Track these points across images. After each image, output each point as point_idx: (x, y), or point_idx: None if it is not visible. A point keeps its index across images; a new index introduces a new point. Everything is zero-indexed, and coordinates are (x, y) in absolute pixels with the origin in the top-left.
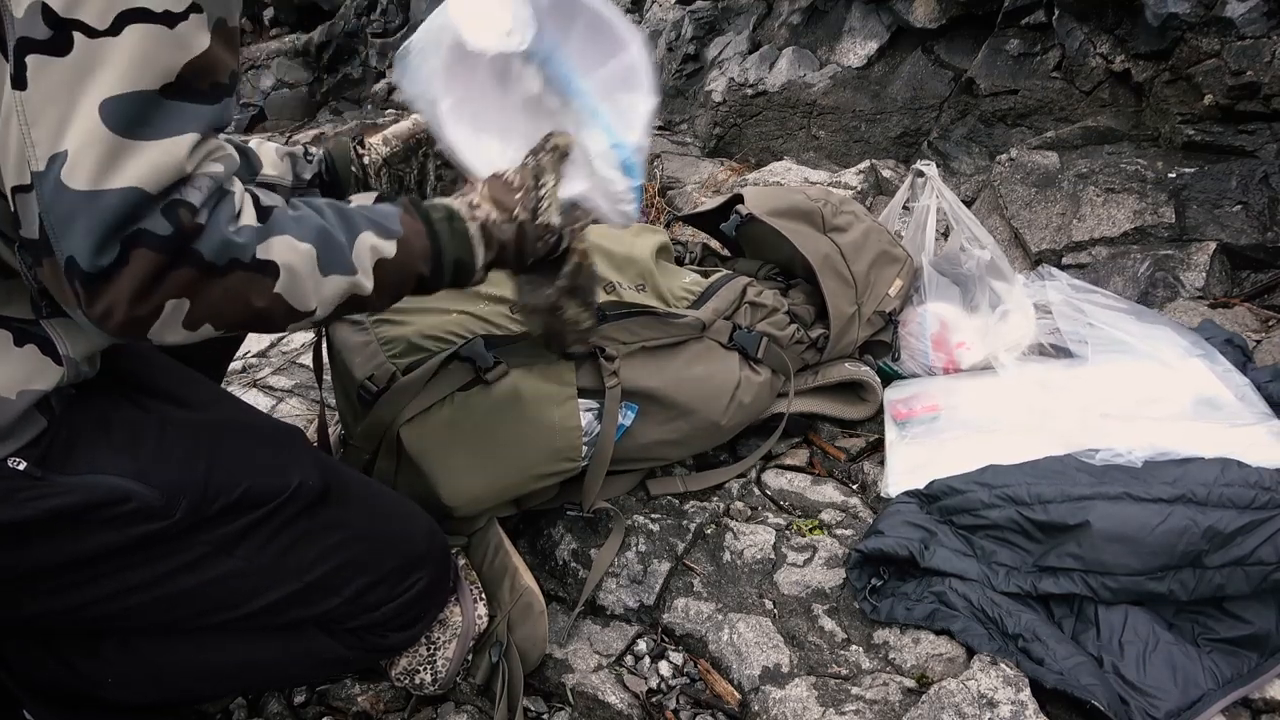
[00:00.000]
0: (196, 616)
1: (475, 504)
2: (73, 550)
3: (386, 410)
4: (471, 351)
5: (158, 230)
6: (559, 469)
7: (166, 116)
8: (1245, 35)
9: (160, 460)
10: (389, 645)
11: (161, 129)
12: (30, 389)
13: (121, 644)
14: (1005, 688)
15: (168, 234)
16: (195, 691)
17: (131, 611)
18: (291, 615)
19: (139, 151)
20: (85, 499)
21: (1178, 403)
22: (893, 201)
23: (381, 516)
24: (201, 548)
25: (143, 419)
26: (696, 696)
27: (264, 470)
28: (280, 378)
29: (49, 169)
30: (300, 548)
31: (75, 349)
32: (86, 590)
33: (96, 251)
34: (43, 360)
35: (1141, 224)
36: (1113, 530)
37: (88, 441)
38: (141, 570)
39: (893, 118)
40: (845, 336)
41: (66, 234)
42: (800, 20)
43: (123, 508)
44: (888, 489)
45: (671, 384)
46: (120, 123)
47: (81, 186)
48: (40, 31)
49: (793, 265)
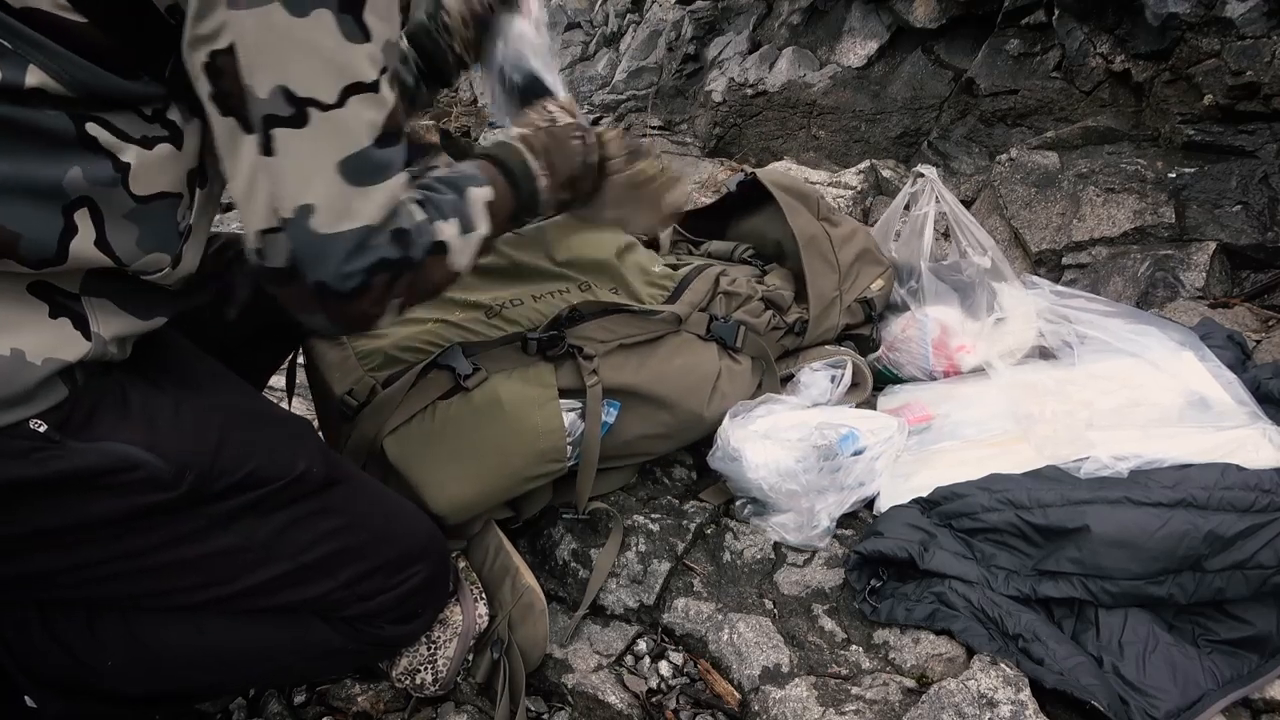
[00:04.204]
0: (190, 590)
1: (464, 511)
2: (79, 512)
3: (370, 424)
4: (449, 359)
5: (390, 255)
6: (545, 470)
7: (381, 164)
8: (1245, 35)
9: (172, 434)
10: (386, 638)
11: (380, 175)
12: (55, 358)
13: (119, 625)
14: (1005, 688)
15: (398, 257)
16: (193, 681)
17: (125, 577)
18: (286, 596)
19: (368, 196)
20: (96, 463)
21: (1167, 404)
22: (893, 204)
23: (382, 510)
24: (201, 520)
25: (159, 396)
26: (696, 696)
27: (272, 454)
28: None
29: (298, 217)
30: (298, 529)
31: (107, 329)
32: (85, 551)
33: (345, 278)
34: (73, 334)
35: (1141, 224)
36: (1112, 534)
37: (106, 412)
38: (140, 537)
39: (893, 118)
40: (825, 321)
41: (317, 266)
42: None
43: (131, 475)
44: (879, 503)
45: (652, 379)
46: (352, 177)
47: (329, 230)
48: (283, 109)
49: (769, 246)
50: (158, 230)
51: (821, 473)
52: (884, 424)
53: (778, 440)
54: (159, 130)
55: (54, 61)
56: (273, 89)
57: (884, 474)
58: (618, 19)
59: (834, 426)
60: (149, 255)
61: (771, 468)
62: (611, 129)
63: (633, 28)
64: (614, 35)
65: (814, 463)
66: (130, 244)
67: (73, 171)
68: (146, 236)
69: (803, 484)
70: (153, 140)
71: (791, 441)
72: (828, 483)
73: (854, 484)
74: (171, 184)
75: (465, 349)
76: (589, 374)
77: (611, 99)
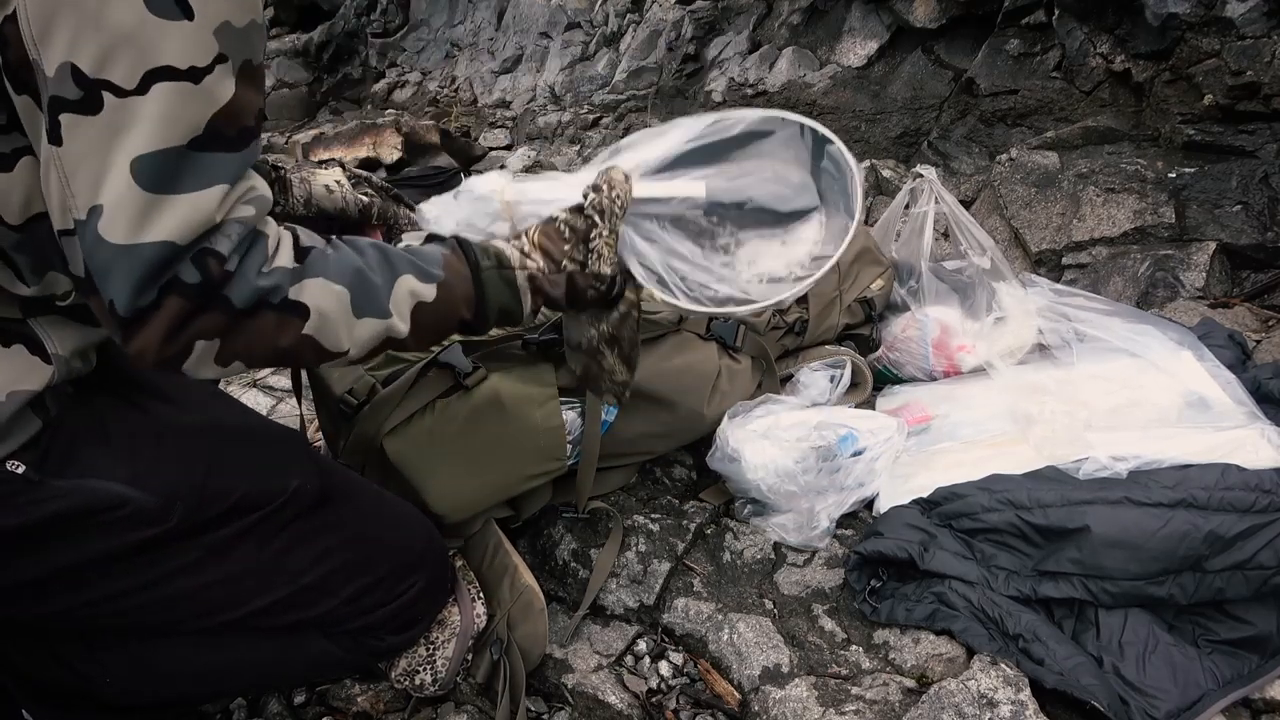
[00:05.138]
0: (193, 619)
1: (464, 509)
2: (69, 555)
3: (369, 423)
4: (450, 358)
5: (187, 279)
6: (545, 469)
7: (195, 170)
8: (1245, 35)
9: (157, 465)
10: (386, 648)
11: (190, 183)
12: (20, 389)
13: (119, 646)
14: (1005, 688)
15: (196, 282)
16: (193, 693)
17: (127, 613)
18: (289, 617)
19: (169, 206)
20: (82, 504)
21: (1166, 404)
22: (893, 204)
23: (378, 519)
24: (197, 551)
25: (140, 421)
26: (696, 696)
27: (261, 474)
28: (280, 378)
29: (89, 219)
30: (296, 551)
31: (64, 345)
32: (82, 593)
33: (134, 297)
34: (31, 360)
35: (1141, 224)
36: (1113, 535)
37: (85, 445)
38: (137, 574)
39: (893, 118)
40: (825, 320)
41: (107, 281)
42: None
43: (119, 513)
44: (878, 503)
45: (651, 377)
46: (151, 181)
47: (118, 241)
48: (71, 91)
49: None
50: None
51: (821, 473)
52: (883, 424)
53: (777, 441)
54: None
55: None
56: (60, 66)
57: (883, 474)
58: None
59: (833, 427)
60: (44, 279)
61: (771, 468)
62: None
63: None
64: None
65: (813, 463)
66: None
67: None
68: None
69: (802, 485)
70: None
71: (791, 442)
72: (827, 483)
73: (853, 484)
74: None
75: (465, 347)
76: None
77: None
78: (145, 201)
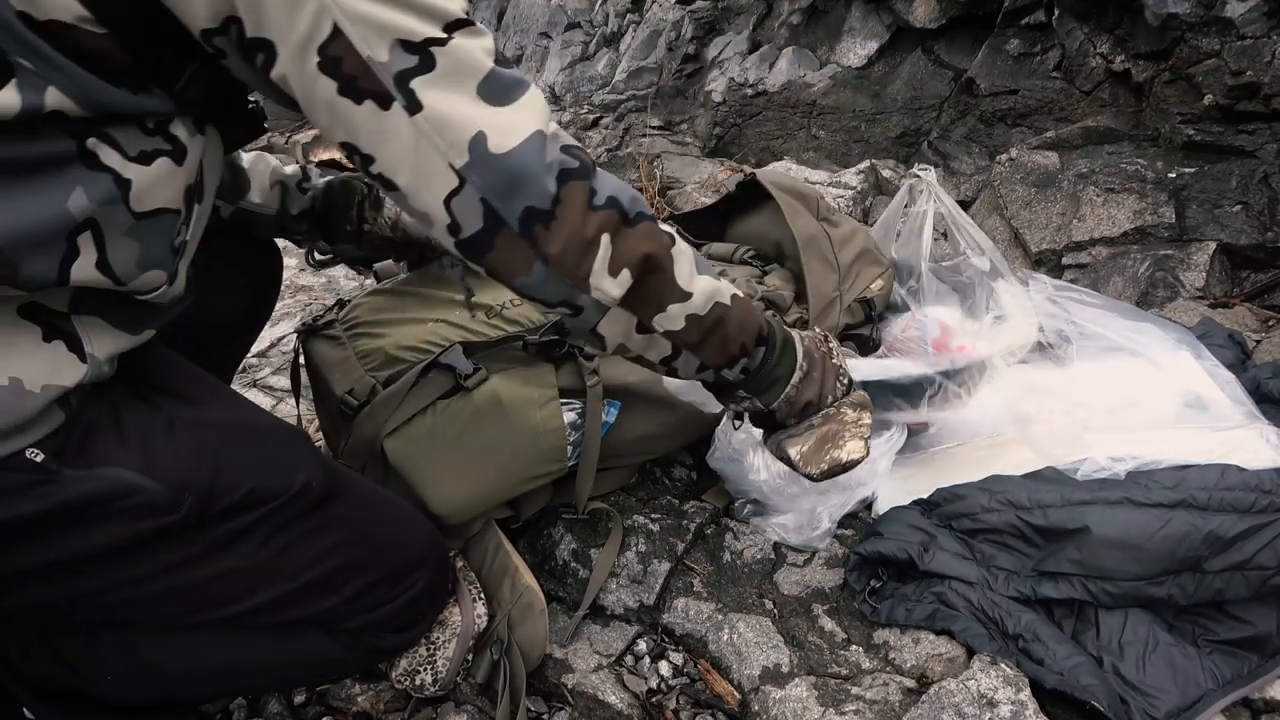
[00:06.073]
0: (193, 612)
1: (464, 511)
2: (79, 543)
3: (369, 424)
4: (450, 359)
5: (569, 165)
6: (546, 470)
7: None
8: (1245, 35)
9: (168, 456)
10: (386, 647)
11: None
12: (54, 384)
13: (119, 641)
14: (1005, 688)
15: (577, 166)
16: (193, 692)
17: (127, 603)
18: (290, 614)
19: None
20: (94, 490)
21: (1164, 404)
22: (892, 204)
23: (380, 519)
24: (202, 544)
25: (152, 416)
26: (696, 696)
27: (269, 470)
28: (280, 378)
29: (474, 153)
30: (299, 547)
31: (100, 348)
32: (86, 580)
33: (541, 185)
34: (69, 357)
35: (1141, 224)
36: (1113, 535)
37: (100, 436)
38: (141, 564)
39: (893, 118)
40: (825, 320)
41: (514, 194)
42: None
43: (129, 501)
44: (878, 503)
45: (652, 378)
46: (495, 98)
47: (506, 149)
48: (409, 61)
49: (769, 247)
50: (155, 247)
51: None
52: (883, 424)
53: None
54: (161, 144)
55: (72, 81)
56: (391, 45)
57: (884, 475)
58: (618, 19)
59: None
60: (146, 274)
61: (772, 468)
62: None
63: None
64: (614, 35)
65: None
66: (130, 263)
67: (76, 194)
68: (145, 254)
69: (802, 485)
70: (152, 155)
71: None
72: (828, 483)
73: (854, 485)
74: (170, 199)
75: (466, 349)
76: (589, 374)
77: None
78: (505, 113)
